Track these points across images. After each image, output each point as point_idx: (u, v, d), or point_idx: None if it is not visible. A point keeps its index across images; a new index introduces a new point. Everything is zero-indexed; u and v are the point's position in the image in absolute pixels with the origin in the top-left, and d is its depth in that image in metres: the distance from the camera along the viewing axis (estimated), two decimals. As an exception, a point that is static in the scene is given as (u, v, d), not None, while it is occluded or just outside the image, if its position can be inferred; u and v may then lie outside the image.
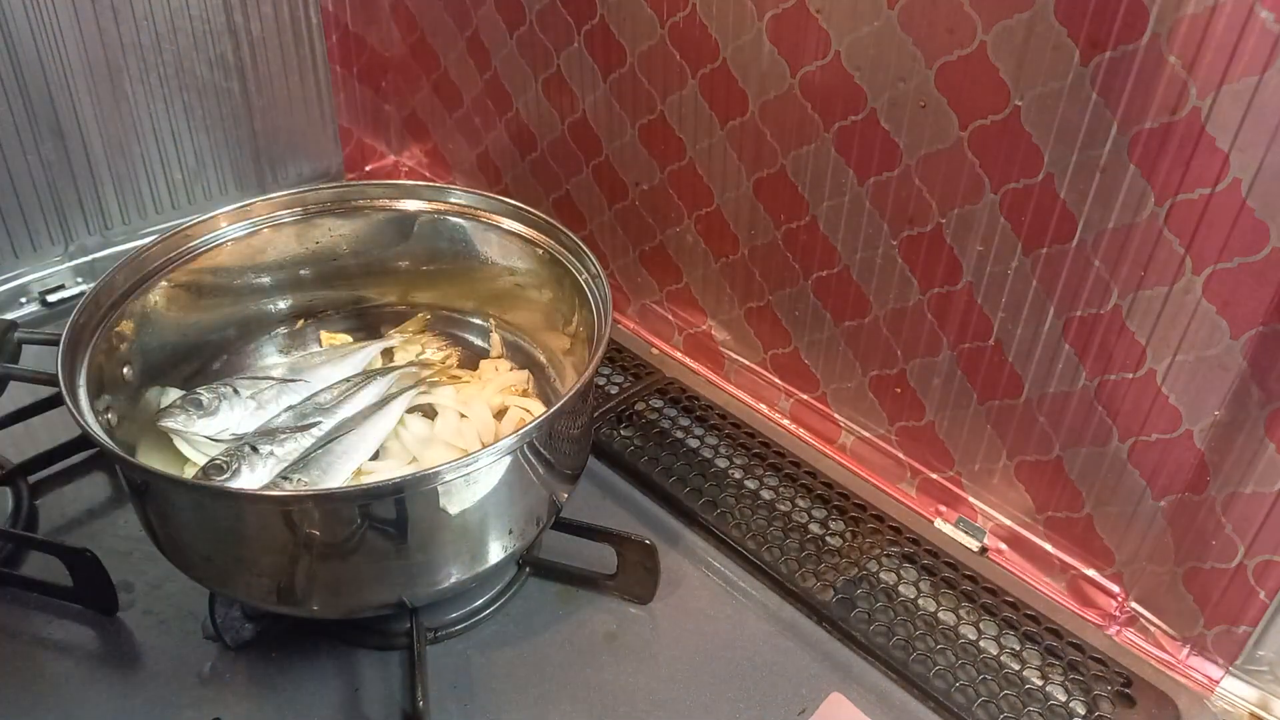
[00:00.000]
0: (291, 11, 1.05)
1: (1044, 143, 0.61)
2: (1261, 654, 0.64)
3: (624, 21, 0.84)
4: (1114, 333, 0.63)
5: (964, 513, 0.78)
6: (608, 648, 0.68)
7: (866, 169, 0.72)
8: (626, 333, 1.01)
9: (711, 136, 0.82)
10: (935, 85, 0.65)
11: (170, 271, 0.74)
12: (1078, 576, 0.72)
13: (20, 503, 0.76)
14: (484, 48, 1.01)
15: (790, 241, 0.81)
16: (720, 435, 0.86)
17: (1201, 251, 0.57)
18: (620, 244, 0.98)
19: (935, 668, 0.66)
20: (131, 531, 0.74)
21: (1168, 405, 0.62)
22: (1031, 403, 0.69)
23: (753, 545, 0.75)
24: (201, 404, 0.71)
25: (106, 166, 0.98)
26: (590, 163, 0.96)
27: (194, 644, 0.67)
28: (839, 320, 0.80)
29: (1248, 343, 0.57)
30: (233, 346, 0.82)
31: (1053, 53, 0.59)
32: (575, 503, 0.76)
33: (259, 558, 0.59)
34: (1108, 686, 0.66)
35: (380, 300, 0.87)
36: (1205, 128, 0.54)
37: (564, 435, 0.65)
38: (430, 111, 1.15)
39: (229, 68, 1.03)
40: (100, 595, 0.68)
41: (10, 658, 0.66)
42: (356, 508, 0.56)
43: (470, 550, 0.61)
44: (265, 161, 1.11)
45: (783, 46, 0.73)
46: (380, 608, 0.64)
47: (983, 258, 0.68)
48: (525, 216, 0.78)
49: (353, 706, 0.64)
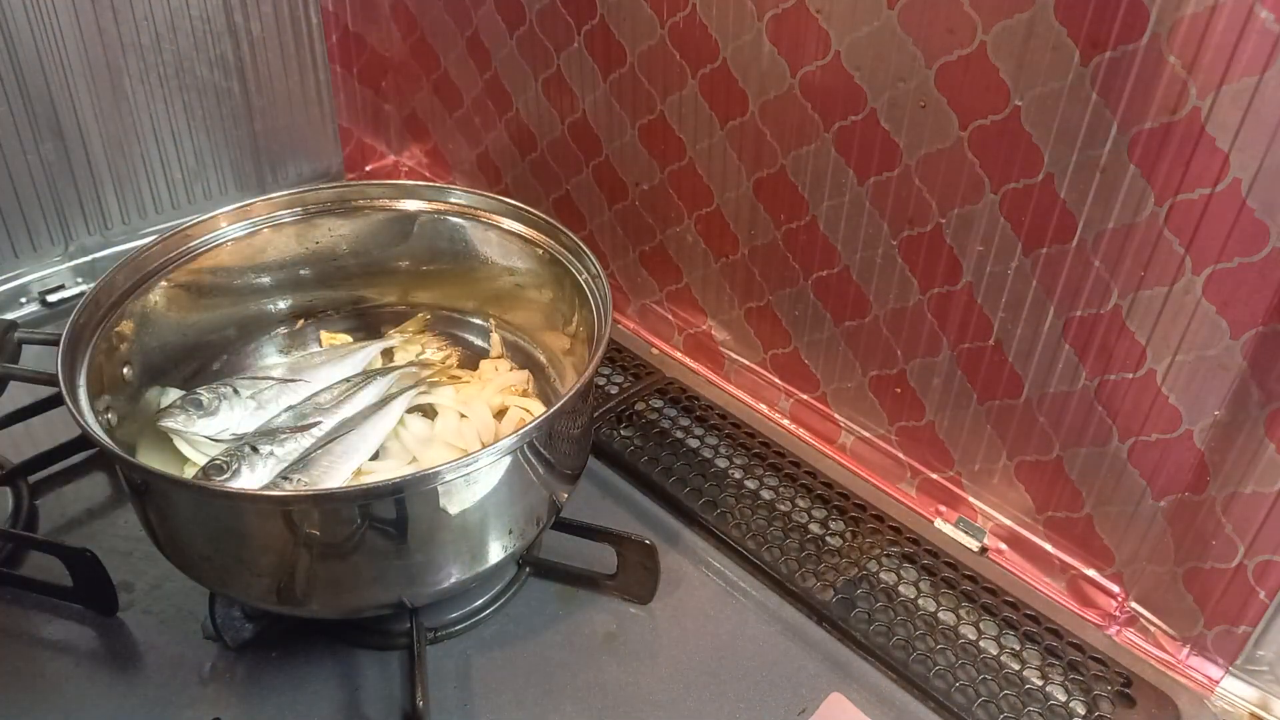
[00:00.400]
0: (291, 11, 1.05)
1: (1044, 143, 0.61)
2: (1261, 654, 0.64)
3: (624, 21, 0.84)
4: (1114, 333, 0.63)
5: (964, 513, 0.78)
6: (608, 648, 0.68)
7: (866, 169, 0.72)
8: (626, 333, 1.01)
9: (711, 136, 0.82)
10: (935, 85, 0.65)
11: (170, 271, 0.74)
12: (1078, 576, 0.72)
13: (20, 503, 0.76)
14: (484, 48, 1.01)
15: (790, 241, 0.81)
16: (720, 435, 0.86)
17: (1201, 251, 0.57)
18: (620, 244, 0.98)
19: (935, 668, 0.66)
20: (131, 531, 0.74)
21: (1168, 405, 0.62)
22: (1031, 403, 0.69)
23: (753, 545, 0.75)
24: (201, 404, 0.71)
25: (106, 166, 0.98)
26: (590, 163, 0.96)
27: (194, 644, 0.67)
28: (839, 320, 0.80)
29: (1248, 343, 0.57)
30: (233, 346, 0.82)
31: (1053, 53, 0.59)
32: (575, 503, 0.76)
33: (259, 558, 0.59)
34: (1108, 686, 0.66)
35: (380, 300, 0.87)
36: (1205, 128, 0.54)
37: (564, 435, 0.65)
38: (430, 111, 1.15)
39: (229, 68, 1.03)
40: (100, 595, 0.68)
41: (10, 658, 0.66)
42: (356, 508, 0.56)
43: (470, 550, 0.61)
44: (265, 161, 1.11)
45: (783, 46, 0.73)
46: (380, 608, 0.64)
47: (983, 258, 0.68)
48: (525, 216, 0.78)
49: (353, 706, 0.64)
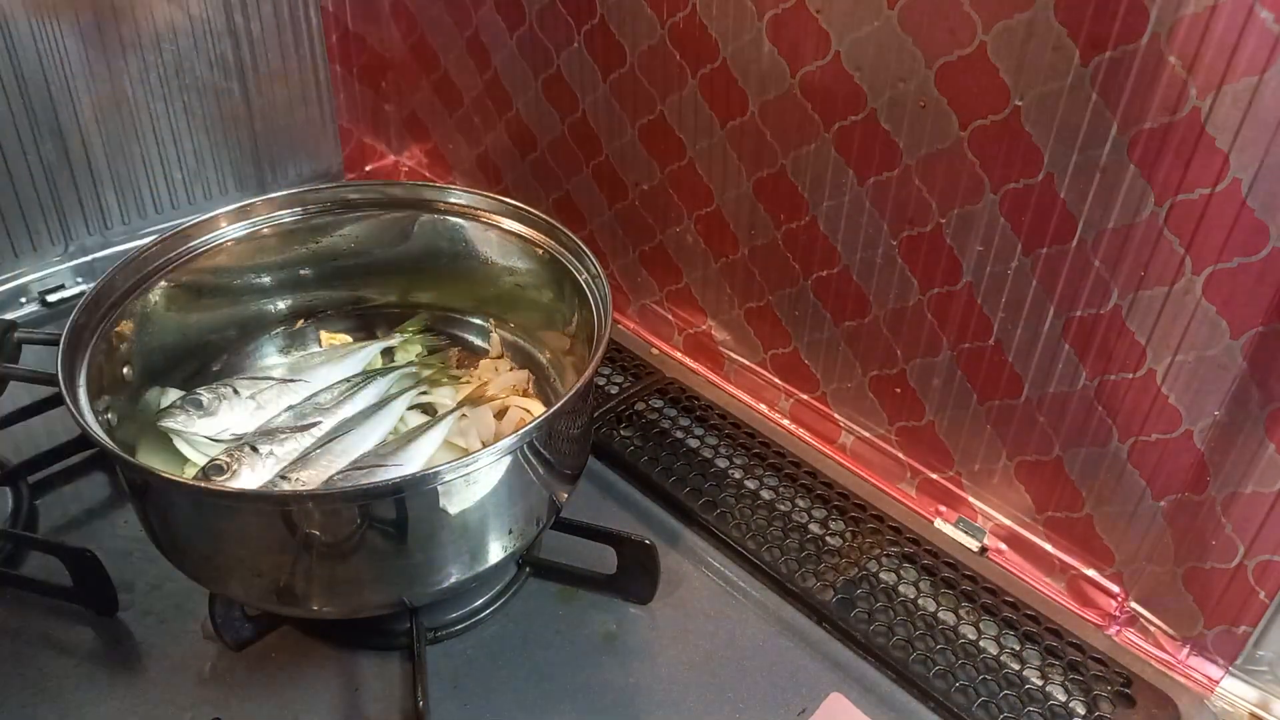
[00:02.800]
0: (291, 11, 1.05)
1: (1044, 143, 0.61)
2: (1261, 654, 0.64)
3: (624, 21, 0.84)
4: (1114, 333, 0.63)
5: (964, 513, 0.78)
6: (608, 648, 0.68)
7: (866, 169, 0.72)
8: (626, 333, 1.01)
9: (711, 136, 0.82)
10: (935, 85, 0.65)
11: (170, 271, 0.74)
12: (1078, 576, 0.72)
13: (20, 503, 0.76)
14: (484, 48, 1.01)
15: (790, 241, 0.81)
16: (720, 435, 0.86)
17: (1201, 251, 0.57)
18: (620, 244, 0.98)
19: (935, 668, 0.66)
20: (131, 531, 0.74)
21: (1168, 405, 0.62)
22: (1031, 403, 0.69)
23: (753, 545, 0.75)
24: (201, 404, 0.71)
25: (106, 166, 0.98)
26: (590, 163, 0.96)
27: (194, 644, 0.67)
28: (839, 320, 0.80)
29: (1248, 343, 0.57)
30: (233, 347, 0.82)
31: (1053, 53, 0.59)
32: (575, 503, 0.76)
33: (259, 558, 0.59)
34: (1108, 686, 0.66)
35: (380, 300, 0.87)
36: (1205, 128, 0.54)
37: (564, 435, 0.65)
38: (430, 111, 1.15)
39: (229, 68, 1.03)
40: (100, 595, 0.68)
41: (10, 658, 0.66)
42: (356, 508, 0.56)
43: (470, 550, 0.61)
44: (265, 161, 1.11)
45: (783, 46, 0.73)
46: (380, 608, 0.64)
47: (983, 258, 0.68)
48: (525, 216, 0.78)
49: (353, 706, 0.64)
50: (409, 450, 0.69)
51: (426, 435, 0.71)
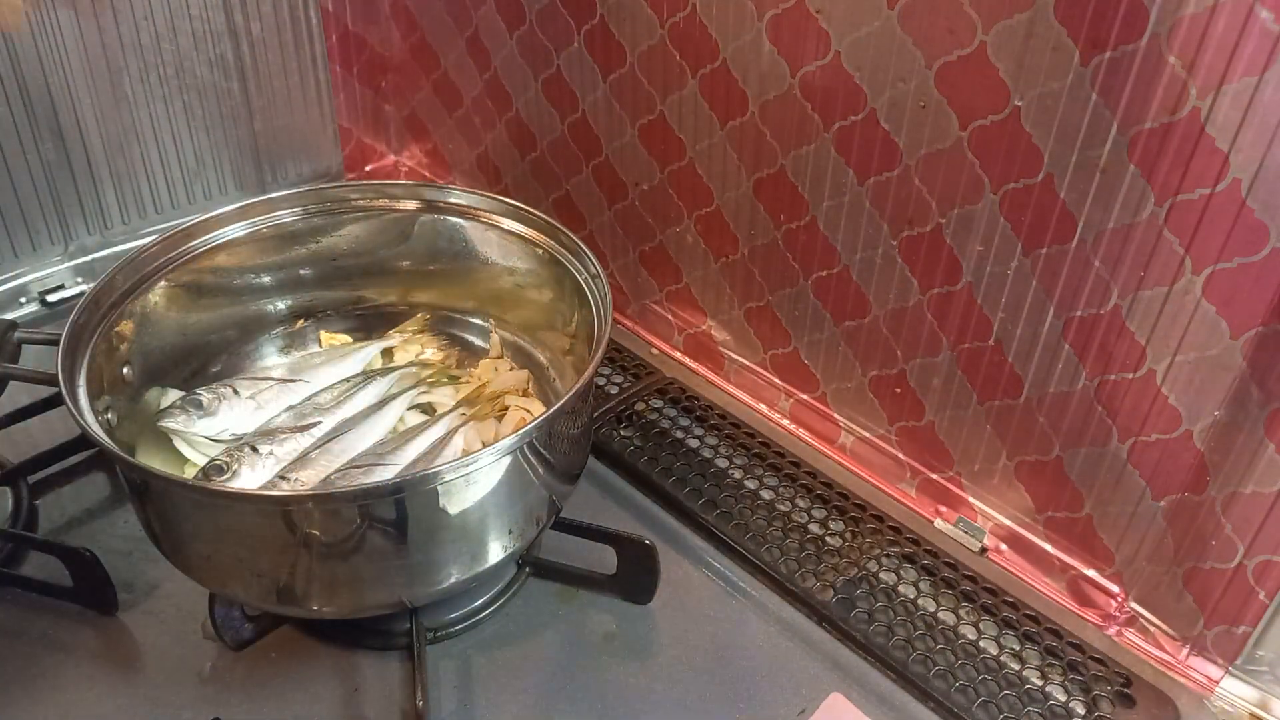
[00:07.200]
0: (291, 11, 1.05)
1: (1044, 143, 0.61)
2: (1261, 654, 0.64)
3: (624, 21, 0.84)
4: (1114, 333, 0.63)
5: (964, 513, 0.78)
6: (608, 648, 0.68)
7: (866, 169, 0.72)
8: (626, 333, 1.01)
9: (711, 136, 0.82)
10: (935, 85, 0.65)
11: (170, 271, 0.74)
12: (1077, 576, 0.72)
13: (20, 503, 0.76)
14: (484, 48, 1.01)
15: (790, 241, 0.81)
16: (720, 435, 0.86)
17: (1201, 251, 0.57)
18: (620, 244, 0.98)
19: (935, 668, 0.66)
20: (131, 531, 0.74)
21: (1167, 405, 0.62)
22: (1031, 403, 0.69)
23: (753, 545, 0.75)
24: (201, 404, 0.71)
25: (106, 166, 0.98)
26: (590, 163, 0.96)
27: (194, 644, 0.67)
28: (839, 320, 0.80)
29: (1248, 343, 0.58)
30: (233, 347, 0.82)
31: (1053, 53, 0.59)
32: (575, 503, 0.76)
33: (259, 558, 0.59)
34: (1107, 686, 0.66)
35: (380, 300, 0.87)
36: (1205, 128, 0.54)
37: (564, 435, 0.65)
38: (430, 111, 1.15)
39: (229, 68, 1.03)
40: (100, 595, 0.68)
41: (10, 658, 0.66)
42: (356, 508, 0.56)
43: (470, 550, 0.61)
44: (265, 161, 1.11)
45: (783, 46, 0.73)
46: (380, 608, 0.64)
47: (983, 258, 0.68)
48: (525, 216, 0.78)
49: (353, 706, 0.64)
50: (408, 450, 0.69)
51: (425, 435, 0.71)
